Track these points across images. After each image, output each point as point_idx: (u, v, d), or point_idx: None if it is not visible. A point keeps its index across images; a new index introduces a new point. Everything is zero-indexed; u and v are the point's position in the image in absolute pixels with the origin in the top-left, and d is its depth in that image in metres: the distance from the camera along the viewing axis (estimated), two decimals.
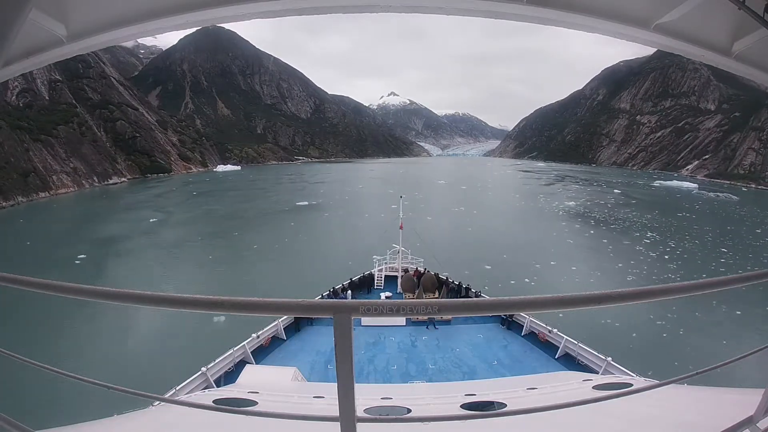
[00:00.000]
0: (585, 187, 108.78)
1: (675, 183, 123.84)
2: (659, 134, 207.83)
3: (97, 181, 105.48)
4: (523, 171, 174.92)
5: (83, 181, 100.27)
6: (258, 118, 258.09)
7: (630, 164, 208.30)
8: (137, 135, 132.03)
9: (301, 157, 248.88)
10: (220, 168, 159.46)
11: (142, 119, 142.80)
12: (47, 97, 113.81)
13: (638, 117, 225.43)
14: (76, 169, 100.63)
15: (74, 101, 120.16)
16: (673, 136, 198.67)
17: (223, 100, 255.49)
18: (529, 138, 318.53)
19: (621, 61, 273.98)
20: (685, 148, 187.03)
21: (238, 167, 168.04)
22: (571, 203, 77.15)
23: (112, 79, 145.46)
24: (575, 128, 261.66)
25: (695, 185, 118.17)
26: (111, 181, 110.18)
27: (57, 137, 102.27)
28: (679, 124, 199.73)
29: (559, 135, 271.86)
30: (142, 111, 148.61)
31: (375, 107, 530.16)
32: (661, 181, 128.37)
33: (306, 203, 73.65)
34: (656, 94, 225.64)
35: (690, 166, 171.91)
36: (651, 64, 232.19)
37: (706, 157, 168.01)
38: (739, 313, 25.98)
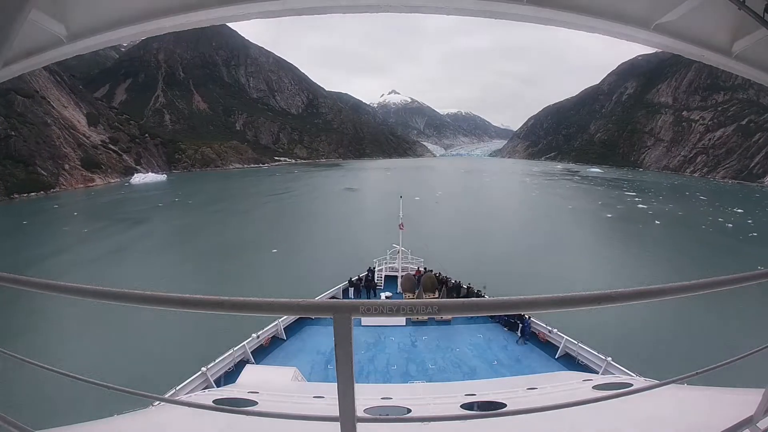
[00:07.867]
0: None
1: None
2: (719, 134, 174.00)
3: None
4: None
5: None
6: (238, 112, 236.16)
7: (687, 169, 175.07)
8: (12, 134, 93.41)
9: (282, 158, 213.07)
10: (137, 179, 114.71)
11: (32, 112, 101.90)
12: None
13: (685, 113, 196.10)
14: None
15: None
16: (738, 136, 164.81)
17: (201, 93, 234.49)
18: (543, 137, 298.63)
19: (639, 55, 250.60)
20: (758, 152, 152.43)
21: (164, 177, 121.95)
22: None
23: None
24: (605, 125, 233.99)
25: None
26: None
27: None
28: (743, 122, 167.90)
29: (584, 133, 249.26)
30: (51, 101, 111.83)
31: (375, 105, 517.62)
32: None
33: None
34: (704, 86, 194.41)
35: None
36: None
37: None
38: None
